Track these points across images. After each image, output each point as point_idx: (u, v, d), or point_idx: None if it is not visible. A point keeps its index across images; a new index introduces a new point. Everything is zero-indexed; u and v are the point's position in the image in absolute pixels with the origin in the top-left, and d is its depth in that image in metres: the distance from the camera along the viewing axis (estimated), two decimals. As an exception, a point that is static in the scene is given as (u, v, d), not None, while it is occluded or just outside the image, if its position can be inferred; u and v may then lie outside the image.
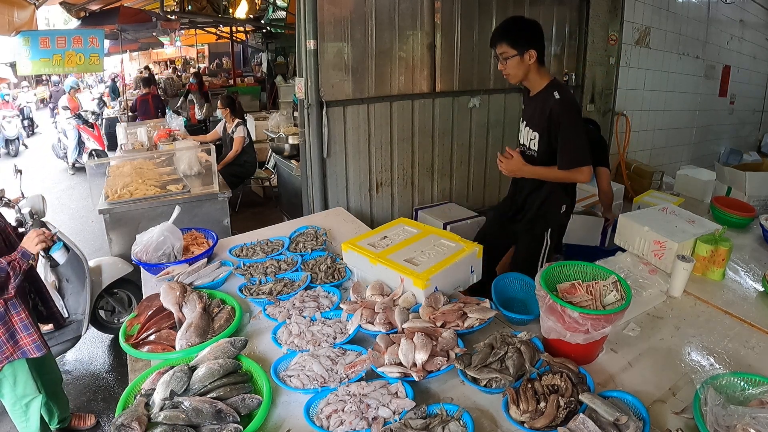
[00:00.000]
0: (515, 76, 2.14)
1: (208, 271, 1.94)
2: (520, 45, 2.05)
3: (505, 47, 2.07)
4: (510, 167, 2.19)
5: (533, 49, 2.06)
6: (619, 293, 1.43)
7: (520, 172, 2.21)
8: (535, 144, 2.20)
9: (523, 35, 2.08)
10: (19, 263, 1.80)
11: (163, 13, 7.26)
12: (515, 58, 2.07)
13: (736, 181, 3.34)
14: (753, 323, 1.67)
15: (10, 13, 4.39)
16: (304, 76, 3.19)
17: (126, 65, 11.19)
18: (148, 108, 7.36)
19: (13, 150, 9.84)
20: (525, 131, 2.26)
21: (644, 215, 2.21)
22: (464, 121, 4.03)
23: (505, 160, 2.19)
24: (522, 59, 2.07)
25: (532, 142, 2.21)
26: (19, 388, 1.99)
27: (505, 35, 2.08)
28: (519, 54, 2.06)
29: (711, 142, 6.88)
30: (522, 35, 2.08)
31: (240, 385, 1.31)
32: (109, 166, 3.88)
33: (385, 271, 1.76)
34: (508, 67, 2.11)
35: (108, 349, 3.16)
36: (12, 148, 9.84)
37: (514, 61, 2.08)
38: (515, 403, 1.20)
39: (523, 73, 2.12)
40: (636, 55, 5.04)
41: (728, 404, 1.14)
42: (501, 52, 2.09)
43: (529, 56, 2.07)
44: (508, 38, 2.07)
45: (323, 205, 3.46)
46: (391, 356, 1.38)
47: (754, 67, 7.46)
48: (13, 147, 9.85)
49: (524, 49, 2.05)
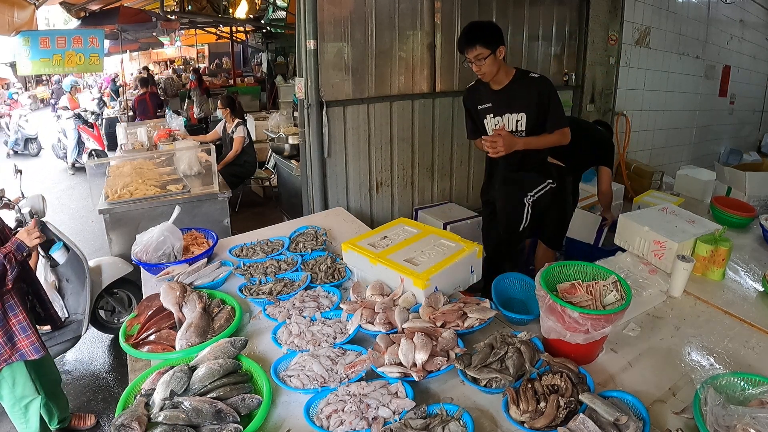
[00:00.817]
0: (491, 73, 2.31)
1: (208, 271, 1.94)
2: (492, 44, 2.24)
3: (480, 49, 2.24)
4: (505, 143, 2.26)
5: (502, 45, 2.26)
6: (619, 293, 1.43)
7: (515, 145, 2.31)
8: (522, 124, 2.40)
9: (493, 35, 2.26)
10: (14, 254, 1.79)
11: (163, 13, 7.26)
12: (490, 57, 2.25)
13: (736, 181, 3.34)
14: (753, 323, 1.67)
15: (10, 13, 4.39)
16: (304, 76, 3.19)
17: (126, 65, 11.18)
18: (146, 107, 7.37)
19: (34, 149, 9.23)
20: (507, 118, 2.43)
21: (644, 215, 2.21)
22: (464, 121, 4.02)
23: (498, 139, 2.26)
24: (495, 57, 2.26)
25: (519, 123, 2.40)
26: (18, 389, 1.99)
27: (478, 38, 2.25)
28: (493, 52, 2.24)
29: (711, 142, 6.88)
30: (492, 35, 2.26)
31: (240, 385, 1.31)
32: (109, 166, 3.88)
33: (385, 271, 1.76)
34: (485, 66, 2.27)
35: (108, 349, 3.16)
36: (32, 148, 9.25)
37: (490, 59, 2.26)
38: (515, 403, 1.20)
39: (496, 69, 2.31)
40: (636, 55, 5.04)
41: (728, 404, 1.14)
42: (477, 54, 2.26)
43: (500, 52, 2.26)
44: (481, 40, 2.24)
45: (323, 205, 3.46)
46: (391, 356, 1.38)
47: (754, 67, 7.46)
48: (33, 146, 9.25)
49: (496, 47, 2.24)
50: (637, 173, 4.97)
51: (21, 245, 1.82)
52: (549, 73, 4.50)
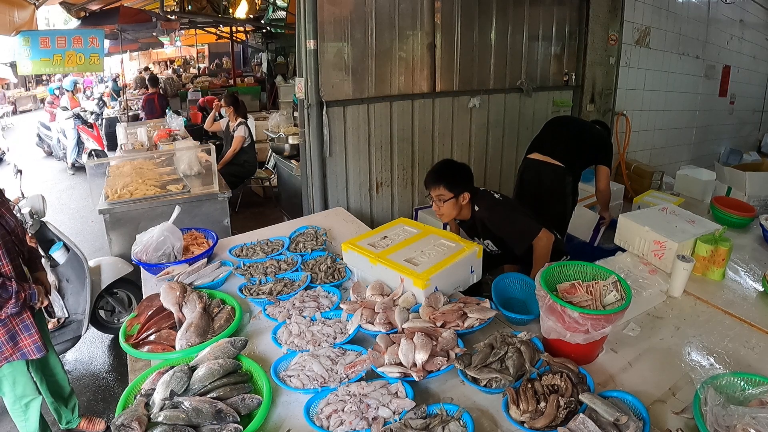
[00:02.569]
0: (449, 215, 2.21)
1: (208, 271, 1.94)
2: (457, 188, 2.14)
3: (442, 190, 2.14)
4: None
5: (467, 192, 2.16)
6: (619, 293, 1.43)
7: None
8: (493, 246, 2.36)
9: (461, 180, 2.17)
10: (26, 297, 1.85)
11: (163, 13, 7.25)
12: (451, 201, 2.15)
13: (736, 181, 3.34)
14: (753, 323, 1.67)
15: (10, 13, 4.39)
16: (304, 76, 3.19)
17: (126, 65, 11.17)
18: (153, 107, 7.37)
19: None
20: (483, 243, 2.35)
21: (644, 215, 2.21)
22: (464, 121, 4.03)
23: None
24: (457, 201, 2.16)
25: (489, 245, 2.36)
26: (19, 388, 1.99)
27: (444, 178, 2.15)
28: (455, 197, 2.15)
29: (711, 142, 6.88)
30: (459, 180, 2.16)
31: (240, 385, 1.31)
32: (109, 166, 3.88)
33: (385, 271, 1.76)
34: (444, 208, 2.17)
35: (108, 349, 3.16)
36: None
37: (450, 203, 2.15)
38: (515, 403, 1.20)
39: (456, 212, 2.20)
40: (636, 55, 5.04)
41: (728, 404, 1.14)
42: (438, 194, 2.15)
43: (463, 198, 2.16)
44: (446, 181, 2.14)
45: (323, 205, 3.45)
46: (391, 356, 1.38)
47: (754, 67, 7.45)
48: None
49: (459, 192, 2.15)
50: (637, 173, 4.97)
51: (34, 294, 1.89)
52: (549, 72, 4.52)
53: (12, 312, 1.80)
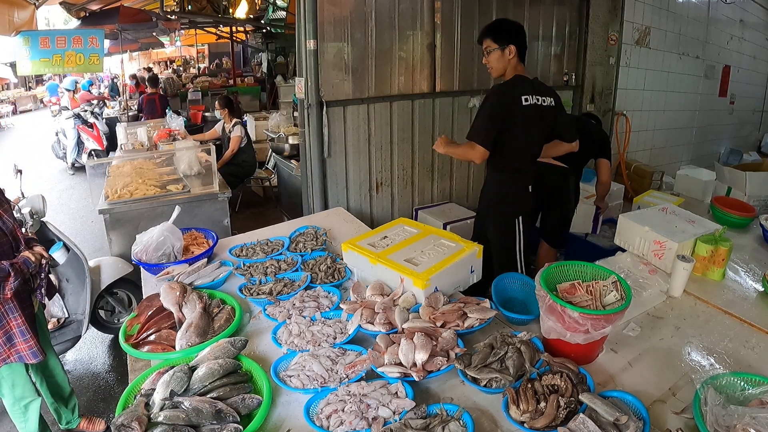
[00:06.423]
0: (497, 69, 2.33)
1: (208, 271, 1.94)
2: (502, 40, 2.26)
3: (488, 42, 2.29)
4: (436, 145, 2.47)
5: (513, 45, 2.25)
6: (619, 293, 1.43)
7: (439, 149, 2.45)
8: None
9: (506, 32, 2.28)
10: (21, 267, 1.83)
11: (163, 13, 7.26)
12: (496, 52, 2.27)
13: (736, 181, 3.34)
14: (753, 323, 1.67)
15: (10, 13, 4.40)
16: (304, 76, 3.19)
17: (126, 65, 11.17)
18: (154, 107, 7.35)
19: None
20: None
21: (644, 215, 2.21)
22: (464, 121, 4.03)
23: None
24: (503, 53, 2.27)
25: None
26: (18, 390, 1.99)
27: (490, 31, 2.31)
28: (500, 48, 2.26)
29: (711, 142, 6.88)
30: (504, 32, 2.28)
31: (240, 385, 1.31)
32: (109, 166, 3.88)
33: (385, 271, 1.76)
34: (491, 60, 2.31)
35: (108, 349, 3.16)
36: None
37: (495, 54, 2.28)
38: (515, 403, 1.20)
39: (503, 67, 2.31)
40: (636, 55, 5.04)
41: (728, 404, 1.14)
42: (486, 46, 2.31)
43: (509, 51, 2.26)
44: (492, 34, 2.29)
45: (323, 205, 3.45)
46: (391, 356, 1.38)
47: (754, 67, 7.46)
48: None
49: (505, 45, 2.25)
50: (637, 173, 4.97)
51: (27, 260, 1.88)
52: (549, 72, 4.51)
53: (15, 286, 1.80)
